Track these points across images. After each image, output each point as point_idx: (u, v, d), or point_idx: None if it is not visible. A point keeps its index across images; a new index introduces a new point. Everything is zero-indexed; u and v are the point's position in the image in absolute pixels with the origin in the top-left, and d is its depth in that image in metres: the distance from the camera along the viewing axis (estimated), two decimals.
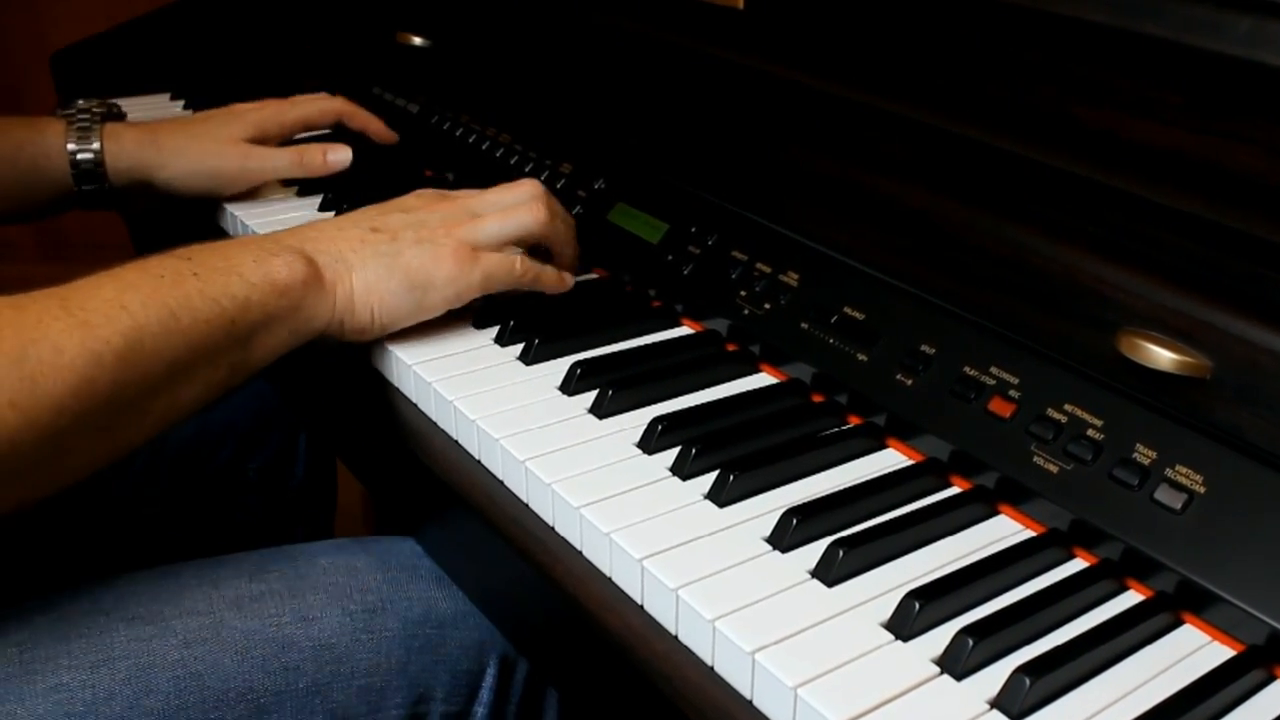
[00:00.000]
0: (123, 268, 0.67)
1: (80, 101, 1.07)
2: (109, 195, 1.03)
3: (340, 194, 1.03)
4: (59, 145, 1.01)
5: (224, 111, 1.08)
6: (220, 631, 0.69)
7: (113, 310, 0.63)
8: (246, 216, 1.00)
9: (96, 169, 1.01)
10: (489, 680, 0.76)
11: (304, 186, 1.07)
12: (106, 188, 1.02)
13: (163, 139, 1.04)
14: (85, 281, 0.65)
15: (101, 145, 1.01)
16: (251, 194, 1.07)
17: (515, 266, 0.80)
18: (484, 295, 0.80)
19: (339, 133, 1.13)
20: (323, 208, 1.03)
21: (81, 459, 0.63)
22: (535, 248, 0.85)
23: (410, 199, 0.83)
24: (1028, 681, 0.50)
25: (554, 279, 0.83)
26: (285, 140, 1.09)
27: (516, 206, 0.82)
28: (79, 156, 1.01)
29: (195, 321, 0.66)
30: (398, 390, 0.78)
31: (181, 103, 1.36)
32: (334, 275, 0.74)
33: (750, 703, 0.53)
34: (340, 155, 1.07)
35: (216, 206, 1.05)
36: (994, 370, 0.65)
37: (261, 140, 1.06)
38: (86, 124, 1.02)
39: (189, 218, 1.09)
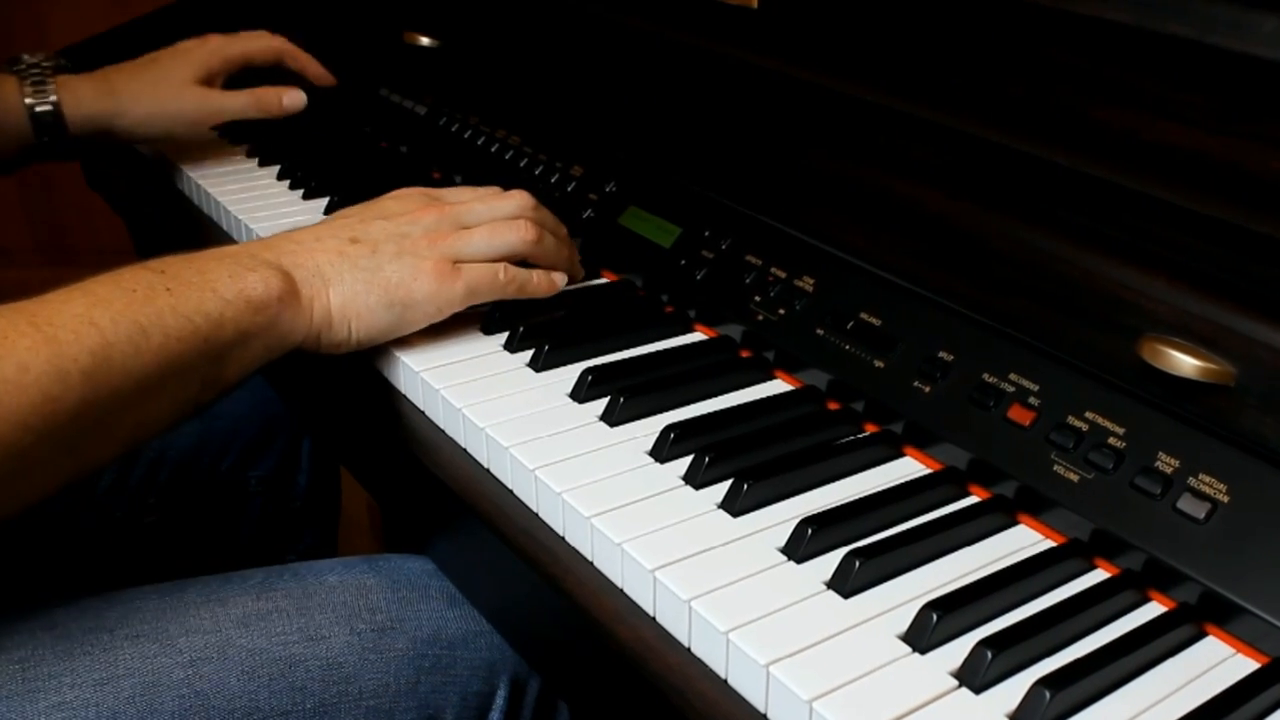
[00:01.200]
0: (94, 280, 0.65)
1: (25, 56, 1.10)
2: (70, 145, 1.06)
3: (345, 198, 1.02)
4: (15, 100, 1.03)
5: (171, 51, 1.11)
6: (226, 650, 0.68)
7: (81, 326, 0.61)
8: (251, 220, 0.99)
9: (56, 120, 1.03)
10: (499, 702, 0.75)
11: (308, 190, 1.07)
12: (67, 138, 1.04)
13: (118, 86, 1.06)
14: (55, 295, 0.63)
15: (58, 96, 1.03)
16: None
17: (499, 277, 0.78)
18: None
19: (279, 74, 1.17)
20: (328, 210, 1.02)
21: (47, 477, 0.61)
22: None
23: (392, 203, 0.81)
24: (1048, 695, 0.49)
25: (542, 284, 0.81)
26: (230, 77, 1.13)
27: (504, 224, 0.80)
28: (37, 110, 1.03)
29: (167, 339, 0.64)
30: (404, 397, 0.77)
31: None
32: (310, 290, 0.72)
33: (764, 716, 0.52)
34: (295, 98, 1.12)
35: (219, 208, 1.04)
36: (1013, 377, 0.64)
37: (209, 79, 1.10)
38: (39, 77, 1.04)
39: (188, 218, 1.08)
